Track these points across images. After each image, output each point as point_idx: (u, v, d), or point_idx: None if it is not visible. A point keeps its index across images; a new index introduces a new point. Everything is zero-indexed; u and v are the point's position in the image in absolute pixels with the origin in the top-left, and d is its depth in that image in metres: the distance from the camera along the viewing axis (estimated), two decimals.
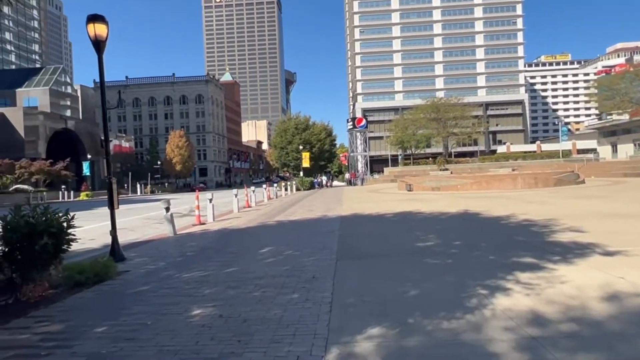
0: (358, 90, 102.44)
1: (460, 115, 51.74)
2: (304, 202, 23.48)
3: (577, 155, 64.11)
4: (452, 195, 22.45)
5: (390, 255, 7.38)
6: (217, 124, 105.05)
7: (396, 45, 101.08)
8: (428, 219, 12.31)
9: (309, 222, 13.07)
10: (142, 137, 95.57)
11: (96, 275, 6.45)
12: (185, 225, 14.25)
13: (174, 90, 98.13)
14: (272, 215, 15.80)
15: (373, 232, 10.23)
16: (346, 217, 13.79)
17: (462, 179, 27.14)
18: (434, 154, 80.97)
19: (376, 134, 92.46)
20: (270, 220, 14.20)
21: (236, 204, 18.42)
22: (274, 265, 6.90)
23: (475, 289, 4.98)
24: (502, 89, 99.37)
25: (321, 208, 18.22)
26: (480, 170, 44.52)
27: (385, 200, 21.51)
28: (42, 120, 53.36)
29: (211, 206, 15.12)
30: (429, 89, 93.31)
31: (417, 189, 27.90)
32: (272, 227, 12.20)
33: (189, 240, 10.49)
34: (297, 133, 48.14)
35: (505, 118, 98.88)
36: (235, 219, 15.09)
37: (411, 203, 18.39)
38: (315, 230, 11.01)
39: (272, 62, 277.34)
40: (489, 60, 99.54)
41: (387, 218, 13.15)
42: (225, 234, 11.22)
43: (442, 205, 16.24)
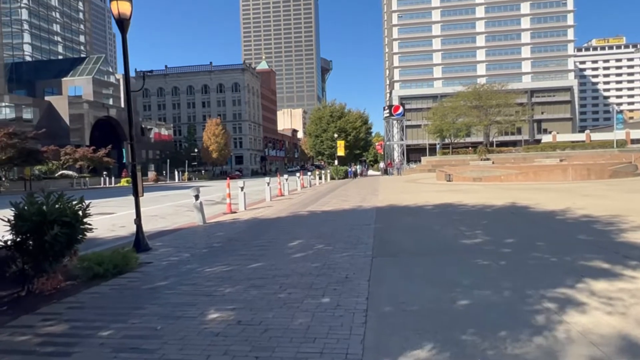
0: (395, 77, 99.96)
1: (504, 102, 49.07)
2: (338, 191, 22.82)
3: (632, 145, 59.87)
4: (496, 186, 21.10)
5: (433, 253, 6.60)
6: (253, 112, 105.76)
7: (436, 30, 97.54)
8: (472, 212, 11.35)
9: (343, 213, 12.41)
10: (181, 125, 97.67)
11: (115, 267, 6.08)
12: (216, 213, 13.95)
13: (211, 78, 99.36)
14: (304, 205, 15.25)
15: (412, 226, 9.43)
16: (382, 209, 13.01)
17: (506, 169, 25.60)
18: (473, 143, 78.02)
19: (413, 123, 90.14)
20: (302, 210, 13.65)
21: (268, 193, 18.00)
22: (303, 261, 6.30)
23: (540, 300, 4.17)
24: (548, 75, 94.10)
25: (356, 198, 17.50)
26: (525, 160, 42.28)
27: (424, 190, 20.49)
28: (86, 109, 55.26)
29: (242, 195, 14.74)
30: (469, 76, 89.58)
31: (457, 180, 26.58)
32: (304, 218, 11.63)
33: (217, 230, 10.08)
34: (332, 121, 47.29)
35: (551, 106, 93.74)
36: (266, 208, 14.65)
37: (452, 194, 17.33)
38: (349, 222, 10.33)
39: (308, 50, 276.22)
40: (535, 44, 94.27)
41: (427, 210, 12.27)
42: (255, 224, 10.75)
43: (486, 197, 15.13)
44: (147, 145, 70.43)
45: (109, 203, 19.70)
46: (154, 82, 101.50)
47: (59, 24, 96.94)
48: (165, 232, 10.07)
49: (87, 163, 44.88)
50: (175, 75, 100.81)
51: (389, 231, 8.76)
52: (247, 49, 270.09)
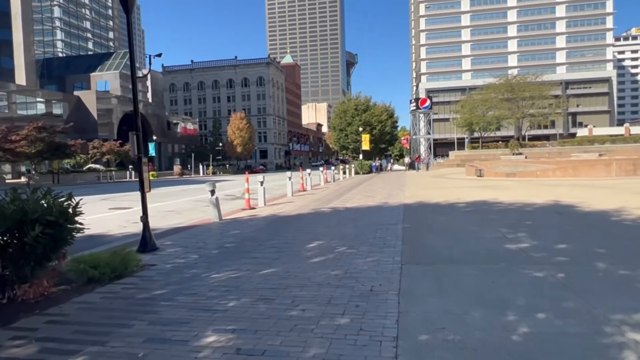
0: (422, 69, 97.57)
1: (538, 94, 46.67)
2: (363, 186, 21.92)
3: None
4: (532, 182, 19.74)
5: (473, 261, 5.69)
6: (278, 107, 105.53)
7: (465, 20, 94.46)
8: (511, 211, 10.29)
9: (368, 210, 11.55)
10: (206, 119, 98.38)
11: (113, 271, 5.46)
12: (235, 209, 13.35)
13: (236, 73, 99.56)
14: (327, 201, 14.46)
15: (444, 227, 8.49)
16: (410, 206, 12.08)
17: (542, 164, 24.07)
18: (503, 137, 75.25)
19: (440, 116, 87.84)
20: (324, 206, 12.85)
21: (290, 188, 17.30)
22: (322, 267, 5.51)
23: (621, 329, 3.25)
24: (585, 66, 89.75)
25: (381, 194, 16.58)
26: (561, 155, 40.10)
27: (454, 186, 19.35)
28: (113, 103, 56.04)
29: (262, 190, 14.07)
30: (500, 67, 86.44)
31: (489, 175, 25.21)
32: (326, 215, 10.83)
33: (233, 227, 9.41)
34: (357, 114, 46.17)
35: (587, 98, 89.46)
36: (287, 204, 13.93)
37: (485, 190, 16.18)
38: (375, 221, 9.48)
39: (333, 44, 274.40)
40: (571, 33, 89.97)
41: (460, 208, 11.26)
42: (273, 222, 10.03)
43: (524, 195, 13.95)
44: (173, 140, 71.12)
45: (128, 197, 19.44)
46: (181, 77, 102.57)
47: (89, 20, 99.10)
48: (178, 230, 9.48)
49: (114, 156, 45.44)
50: (201, 70, 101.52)
51: (419, 232, 7.86)
52: (272, 43, 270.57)
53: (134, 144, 7.15)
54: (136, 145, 7.17)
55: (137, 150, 7.18)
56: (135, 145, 7.17)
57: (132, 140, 7.15)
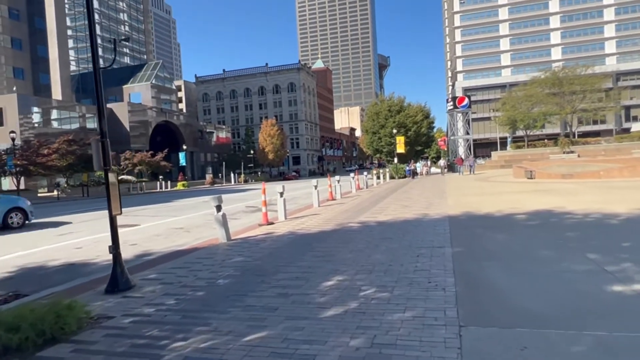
0: (458, 67, 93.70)
1: (590, 87, 42.64)
2: (398, 194, 19.83)
3: None
4: (597, 185, 17.01)
5: (569, 318, 3.64)
6: (310, 112, 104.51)
7: (503, 13, 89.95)
8: (590, 226, 8.04)
9: (405, 225, 9.56)
10: (239, 127, 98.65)
11: (40, 334, 3.86)
12: (251, 224, 11.75)
13: (267, 80, 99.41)
14: (356, 213, 12.56)
15: (508, 251, 6.42)
16: (456, 219, 10.00)
17: (604, 163, 21.11)
18: (548, 135, 70.52)
19: (479, 115, 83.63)
20: (352, 220, 10.97)
21: (316, 198, 15.52)
22: (337, 329, 3.66)
23: None
24: (638, 55, 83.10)
25: (420, 202, 14.50)
26: (619, 152, 36.32)
27: (504, 191, 16.95)
28: (145, 114, 56.43)
29: (282, 202, 12.37)
30: (543, 61, 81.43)
31: (541, 177, 22.47)
32: (353, 233, 8.95)
33: (238, 252, 7.72)
34: (391, 116, 43.83)
35: None
36: (310, 218, 12.16)
37: (543, 196, 13.78)
38: (414, 241, 7.52)
39: (364, 47, 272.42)
40: (620, 21, 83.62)
41: (520, 222, 9.08)
42: (288, 244, 8.25)
43: (596, 201, 11.52)
44: (205, 149, 71.24)
45: (144, 211, 18.29)
46: (213, 87, 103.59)
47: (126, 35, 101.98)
48: (175, 255, 7.89)
49: (146, 167, 45.39)
50: (233, 79, 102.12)
51: (475, 262, 5.85)
52: (303, 48, 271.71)
53: (98, 153, 5.58)
54: (101, 154, 5.59)
55: (103, 161, 5.60)
56: (100, 154, 5.59)
57: (96, 149, 5.58)
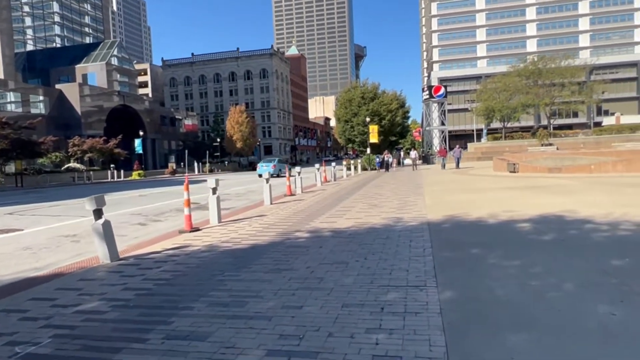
0: (434, 57, 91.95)
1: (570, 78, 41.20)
2: (368, 188, 17.28)
3: None
4: (595, 180, 14.89)
5: None
6: (283, 100, 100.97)
7: (480, 3, 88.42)
8: (624, 242, 5.59)
9: (368, 237, 6.92)
10: (208, 114, 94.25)
11: None
12: (173, 230, 8.92)
13: (238, 65, 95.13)
14: (312, 215, 9.88)
15: (539, 305, 3.85)
16: (439, 228, 7.44)
17: (597, 156, 19.17)
18: (522, 128, 69.69)
19: (454, 107, 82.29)
20: (303, 227, 8.28)
21: (268, 194, 12.76)
22: None
23: None
24: (611, 50, 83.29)
25: (392, 201, 11.95)
26: (599, 145, 35.04)
27: (489, 188, 14.61)
28: (99, 97, 51.71)
29: (214, 201, 9.56)
30: (518, 53, 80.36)
31: (525, 170, 20.38)
32: (293, 253, 6.23)
33: (109, 284, 4.92)
34: (364, 103, 41.22)
35: (613, 84, 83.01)
36: (252, 220, 9.40)
37: (539, 195, 11.46)
38: (377, 272, 4.89)
39: (341, 36, 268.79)
40: (595, 14, 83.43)
41: (528, 235, 6.58)
42: (192, 272, 5.47)
43: (609, 203, 9.22)
44: (169, 136, 66.89)
45: (54, 209, 15.11)
46: (181, 71, 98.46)
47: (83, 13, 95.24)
48: (30, 283, 5.00)
49: (97, 154, 41.35)
50: (202, 63, 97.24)
51: (490, 335, 3.22)
52: (279, 36, 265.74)
53: None
54: None
55: None
56: None
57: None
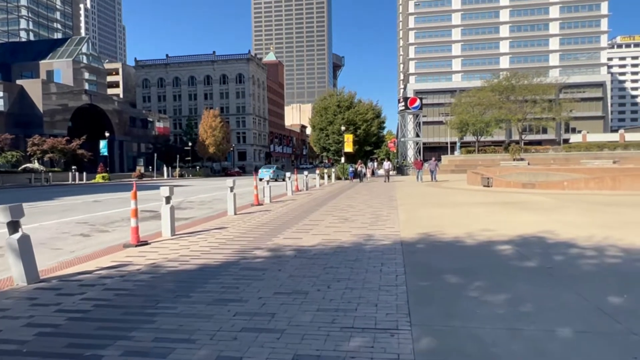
0: (411, 70, 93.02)
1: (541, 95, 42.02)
2: (340, 199, 16.58)
3: None
4: (570, 198, 14.64)
5: None
6: (259, 106, 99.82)
7: (456, 19, 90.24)
8: (632, 277, 5.03)
9: (335, 259, 6.16)
10: (181, 117, 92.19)
11: None
12: (119, 242, 7.92)
13: (214, 69, 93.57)
14: (277, 228, 9.05)
15: (519, 345, 3.16)
16: (413, 249, 6.75)
17: (569, 172, 19.12)
18: (494, 142, 70.97)
19: (429, 119, 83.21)
20: (264, 243, 7.44)
21: (231, 204, 11.85)
22: None
23: None
24: (579, 69, 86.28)
25: (364, 215, 11.25)
26: (568, 161, 35.61)
27: (464, 202, 14.13)
28: (63, 94, 49.25)
29: (167, 211, 8.60)
30: (491, 69, 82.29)
31: (499, 185, 20.16)
32: (246, 277, 5.40)
33: (3, 319, 3.96)
34: (340, 112, 40.76)
35: (581, 103, 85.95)
36: (210, 234, 8.49)
37: (516, 212, 11.00)
38: (342, 306, 4.15)
39: (319, 46, 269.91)
40: (565, 35, 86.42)
41: (510, 261, 5.97)
42: (118, 302, 4.55)
43: (588, 224, 8.79)
44: (139, 138, 64.62)
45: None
46: (155, 72, 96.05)
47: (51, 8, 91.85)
48: None
49: (58, 155, 39.18)
50: (177, 65, 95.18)
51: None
52: (258, 42, 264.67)
53: None
54: None
55: None
56: None
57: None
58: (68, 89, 50.55)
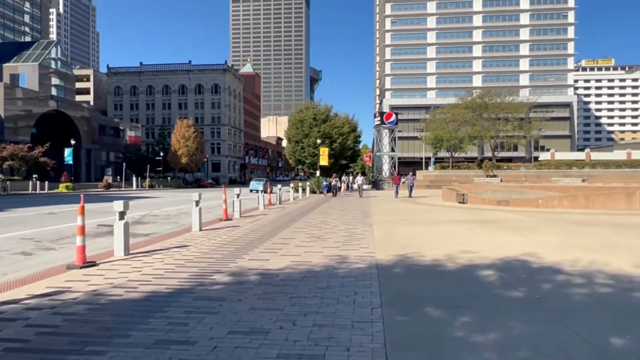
0: (387, 85, 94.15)
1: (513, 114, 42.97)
2: (314, 214, 15.97)
3: None
4: (545, 217, 14.48)
5: None
6: (234, 117, 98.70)
7: (431, 37, 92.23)
8: (609, 304, 4.59)
9: (303, 287, 5.51)
10: (154, 127, 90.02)
11: None
12: (62, 263, 7.03)
13: (189, 78, 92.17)
14: (243, 248, 8.34)
15: None
16: (389, 272, 6.19)
17: (542, 190, 19.13)
18: (467, 158, 72.16)
19: (404, 134, 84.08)
20: (227, 265, 6.73)
21: (197, 219, 11.06)
22: None
23: None
24: (547, 90, 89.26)
25: (337, 232, 10.66)
26: (539, 178, 36.18)
27: (441, 220, 13.74)
28: (28, 100, 47.01)
29: (121, 228, 7.76)
30: (465, 87, 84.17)
31: (474, 202, 20.01)
32: (201, 307, 4.68)
33: None
34: (316, 125, 40.40)
35: (549, 122, 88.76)
36: (169, 253, 7.68)
37: (494, 232, 10.64)
38: (308, 349, 3.50)
39: (297, 59, 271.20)
40: (534, 57, 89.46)
41: (494, 289, 5.48)
42: (13, 352, 3.76)
43: (569, 245, 8.46)
44: (109, 147, 62.35)
45: None
46: (128, 80, 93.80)
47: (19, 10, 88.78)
48: None
49: (19, 163, 37.14)
50: (151, 74, 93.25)
51: None
52: (235, 54, 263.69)
53: None
54: None
55: None
56: None
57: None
58: (33, 94, 48.31)
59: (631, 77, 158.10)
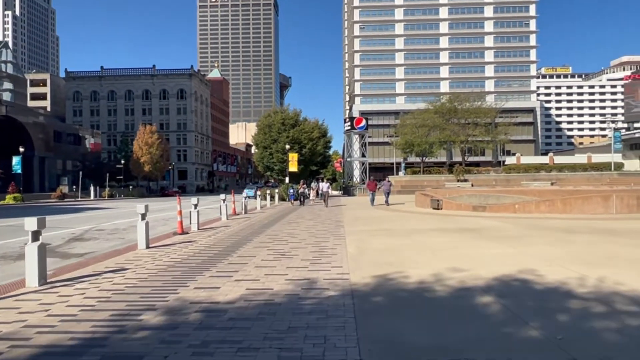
0: (356, 91, 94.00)
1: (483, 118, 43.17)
2: (281, 225, 14.65)
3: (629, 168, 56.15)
4: (527, 223, 13.71)
5: None
6: (201, 123, 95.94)
7: (399, 44, 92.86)
8: None
9: (258, 328, 4.21)
10: (117, 133, 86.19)
11: None
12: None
13: (153, 83, 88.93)
14: (189, 271, 6.93)
15: None
16: (367, 303, 4.98)
17: (519, 194, 18.52)
18: (437, 162, 72.56)
19: (375, 139, 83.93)
20: (164, 297, 5.33)
21: (143, 235, 9.54)
22: None
23: None
24: (511, 96, 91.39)
25: (306, 247, 9.39)
26: (509, 182, 36.17)
27: (420, 229, 12.70)
28: None
29: (33, 252, 6.23)
30: (432, 92, 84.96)
31: (449, 207, 19.21)
32: None
33: None
34: (285, 130, 39.09)
35: (514, 127, 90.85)
36: (99, 278, 6.18)
37: (477, 241, 9.65)
38: None
39: (266, 65, 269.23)
40: (498, 63, 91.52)
41: (497, 322, 4.36)
42: None
43: (564, 257, 7.52)
44: (64, 155, 58.78)
45: None
46: (88, 85, 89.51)
47: None
48: None
49: None
50: (112, 78, 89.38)
51: None
52: (203, 60, 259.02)
53: None
54: None
55: None
56: None
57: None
58: None
59: (587, 84, 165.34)
